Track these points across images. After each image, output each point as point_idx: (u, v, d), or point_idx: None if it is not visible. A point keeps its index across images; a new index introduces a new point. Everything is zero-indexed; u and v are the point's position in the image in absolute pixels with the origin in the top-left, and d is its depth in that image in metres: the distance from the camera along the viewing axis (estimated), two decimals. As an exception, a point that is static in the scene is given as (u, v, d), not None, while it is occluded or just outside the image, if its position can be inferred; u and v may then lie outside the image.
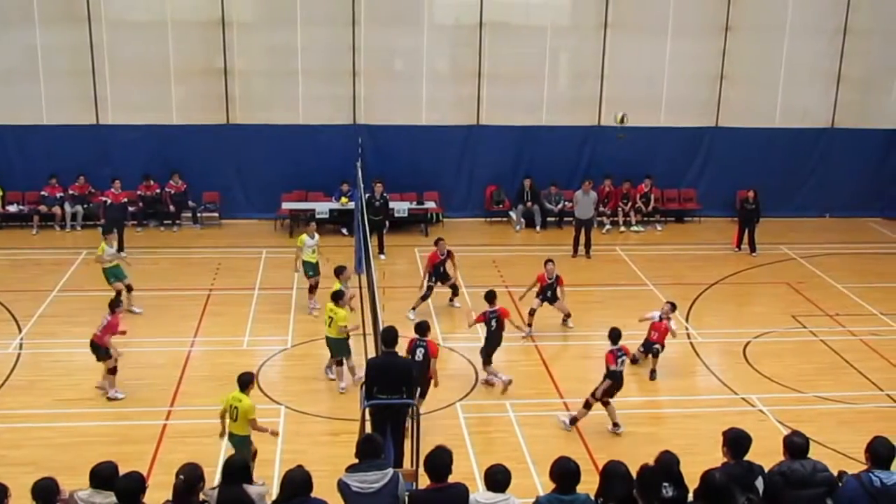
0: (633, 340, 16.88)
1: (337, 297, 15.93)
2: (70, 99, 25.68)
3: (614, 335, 14.92)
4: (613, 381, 14.64)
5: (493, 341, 16.56)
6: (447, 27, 26.82)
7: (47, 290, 20.61)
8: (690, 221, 27.77)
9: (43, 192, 25.54)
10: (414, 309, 19.36)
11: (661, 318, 17.25)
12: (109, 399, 15.60)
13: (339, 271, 17.24)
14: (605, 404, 14.69)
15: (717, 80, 27.02)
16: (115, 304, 15.93)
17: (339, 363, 16.20)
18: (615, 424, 14.79)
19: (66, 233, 25.35)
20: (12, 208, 25.69)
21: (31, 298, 19.97)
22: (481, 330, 16.73)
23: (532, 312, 18.83)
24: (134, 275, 21.37)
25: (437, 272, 19.90)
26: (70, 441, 14.07)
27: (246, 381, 12.74)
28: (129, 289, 19.64)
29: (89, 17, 25.10)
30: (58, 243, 24.43)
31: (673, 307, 17.51)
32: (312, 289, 19.58)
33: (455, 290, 20.30)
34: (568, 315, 19.21)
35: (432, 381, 14.61)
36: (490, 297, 16.70)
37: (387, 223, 24.23)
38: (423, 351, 14.40)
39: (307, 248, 19.44)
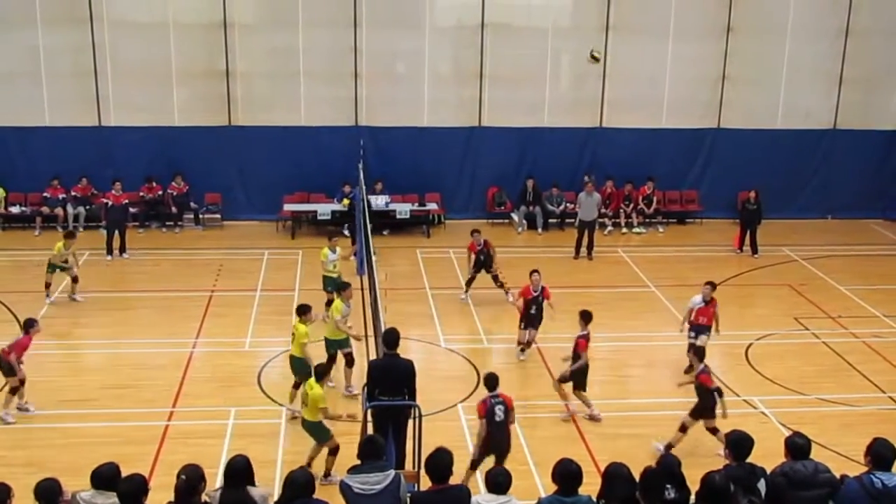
0: (679, 342, 16.92)
1: (301, 311, 14.97)
2: (72, 100, 25.71)
3: (700, 353, 14.49)
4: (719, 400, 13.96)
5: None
6: (449, 29, 26.83)
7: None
8: (692, 223, 27.78)
9: (45, 194, 25.57)
10: (466, 292, 20.62)
11: (705, 302, 17.15)
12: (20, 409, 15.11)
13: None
14: (714, 430, 13.92)
15: (719, 81, 27.02)
16: (29, 325, 15.31)
17: (297, 385, 14.87)
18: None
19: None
20: (15, 210, 25.72)
21: (34, 300, 19.97)
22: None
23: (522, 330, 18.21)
24: (136, 276, 21.47)
25: (479, 261, 20.46)
26: (72, 442, 14.07)
27: (321, 372, 13.11)
28: (75, 279, 20.35)
29: (91, 18, 25.13)
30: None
31: (713, 286, 17.33)
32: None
33: (496, 281, 20.52)
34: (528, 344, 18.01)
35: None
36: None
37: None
38: (502, 409, 12.60)
39: (329, 262, 18.82)
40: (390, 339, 12.71)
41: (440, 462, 8.46)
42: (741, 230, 24.77)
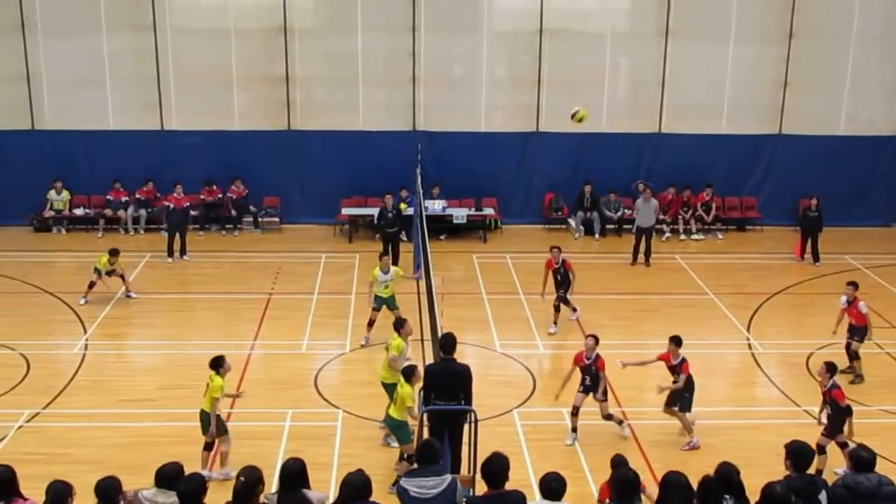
0: (737, 350, 16.69)
1: (216, 364, 13.67)
2: (135, 105, 26.12)
3: (833, 368, 13.90)
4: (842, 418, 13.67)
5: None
6: (506, 34, 26.81)
7: (112, 293, 20.93)
8: (752, 230, 27.44)
9: (108, 197, 25.99)
10: (554, 323, 19.40)
11: (849, 303, 16.98)
12: None
13: (399, 325, 14.95)
14: (843, 445, 13.48)
15: (781, 87, 26.67)
16: None
17: (208, 446, 13.56)
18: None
19: (129, 236, 25.74)
20: (79, 212, 26.17)
21: (96, 300, 20.31)
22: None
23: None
24: (196, 278, 21.72)
25: (555, 280, 19.41)
26: (132, 441, 14.28)
27: (408, 374, 13.05)
28: (123, 277, 20.87)
29: (154, 24, 25.51)
30: (122, 246, 24.71)
31: (855, 286, 17.14)
32: (372, 322, 18.50)
33: (565, 301, 19.51)
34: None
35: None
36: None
37: (403, 234, 23.70)
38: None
39: (379, 282, 18.33)
40: (447, 343, 12.71)
41: (496, 467, 8.44)
42: (802, 238, 24.43)
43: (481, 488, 8.68)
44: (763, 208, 27.40)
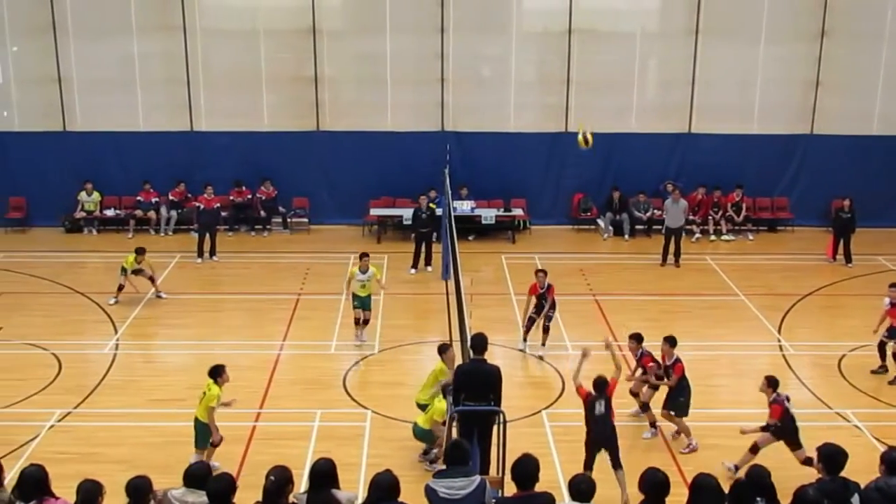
0: (768, 352, 16.50)
1: (215, 373, 13.59)
2: (165, 106, 26.30)
3: (774, 382, 13.33)
4: (781, 434, 13.29)
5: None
6: (535, 34, 26.76)
7: (142, 293, 21.06)
8: (783, 231, 27.23)
9: (138, 198, 26.17)
10: (525, 341, 18.49)
11: (892, 304, 16.90)
12: None
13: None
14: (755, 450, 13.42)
15: (813, 86, 26.45)
16: None
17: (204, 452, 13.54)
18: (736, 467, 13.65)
19: (160, 237, 25.91)
20: (109, 213, 26.36)
21: (127, 300, 20.44)
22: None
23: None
24: (225, 279, 21.79)
25: (539, 306, 18.31)
26: (163, 440, 14.33)
27: (445, 389, 13.19)
28: (152, 280, 20.90)
29: (184, 26, 25.66)
30: (152, 247, 24.85)
31: None
32: (358, 321, 18.48)
33: (545, 331, 18.29)
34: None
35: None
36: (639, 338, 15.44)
37: (434, 234, 23.49)
38: (603, 403, 12.92)
39: (356, 281, 18.32)
40: (478, 344, 12.66)
41: (526, 468, 8.41)
42: (834, 239, 24.21)
43: (510, 489, 8.65)
44: (794, 209, 27.17)
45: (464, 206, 25.48)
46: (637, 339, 15.23)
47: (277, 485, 8.25)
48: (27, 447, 14.11)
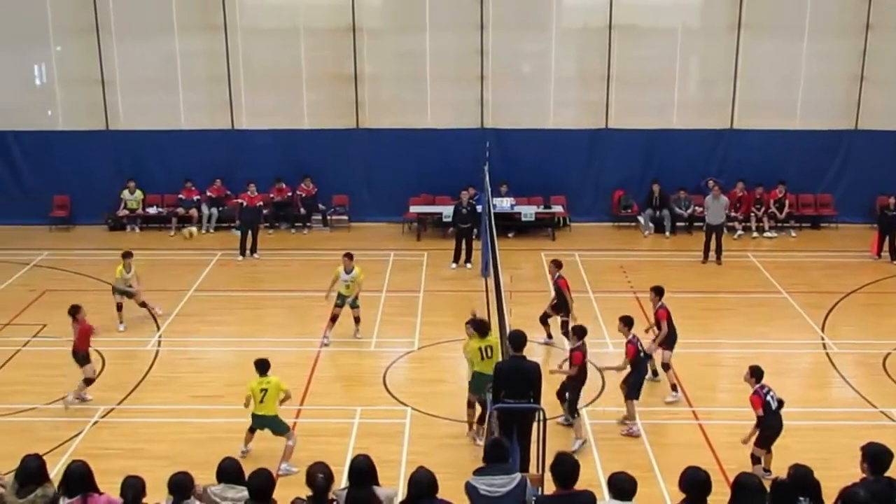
0: (812, 350, 16.34)
1: (265, 367, 13.89)
2: (206, 105, 26.51)
3: (758, 373, 13.22)
4: (767, 429, 13.02)
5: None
6: (575, 31, 26.67)
7: (183, 290, 21.25)
8: (826, 227, 26.91)
9: (180, 196, 26.39)
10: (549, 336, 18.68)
11: None
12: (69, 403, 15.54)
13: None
14: (756, 460, 13.13)
15: (857, 81, 26.11)
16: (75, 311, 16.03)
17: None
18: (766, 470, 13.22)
19: (201, 234, 26.10)
20: (152, 211, 26.61)
21: (169, 298, 20.61)
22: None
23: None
24: (265, 276, 21.88)
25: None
26: (204, 437, 14.44)
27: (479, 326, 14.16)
28: (143, 305, 19.45)
29: (225, 25, 25.84)
30: (193, 244, 25.18)
31: None
32: (335, 318, 18.54)
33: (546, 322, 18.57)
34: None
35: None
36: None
37: (475, 230, 23.43)
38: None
39: (341, 281, 18.52)
40: (517, 340, 12.65)
41: (566, 467, 8.37)
42: (879, 236, 23.90)
43: (549, 487, 8.62)
44: (838, 205, 26.84)
45: (503, 203, 25.44)
46: (658, 291, 16.20)
47: (327, 481, 8.29)
48: (71, 443, 14.29)
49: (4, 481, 8.56)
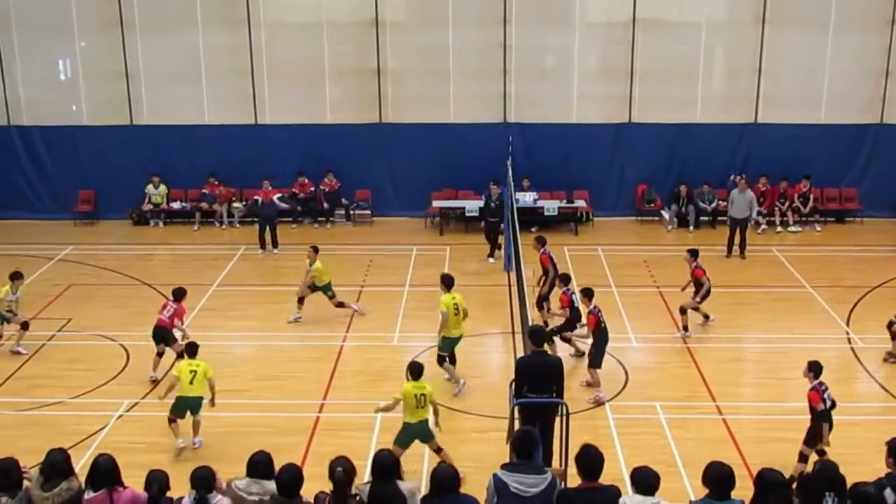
0: (837, 344, 16.25)
1: (194, 350, 14.41)
2: (230, 99, 26.57)
3: (816, 368, 13.01)
4: (827, 424, 12.89)
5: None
6: (599, 25, 26.55)
7: (207, 285, 21.33)
8: (852, 222, 26.73)
9: (204, 190, 26.48)
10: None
11: None
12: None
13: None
14: (821, 453, 12.86)
15: (882, 75, 25.89)
16: (180, 294, 16.96)
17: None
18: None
19: (223, 230, 26.21)
20: (176, 205, 26.72)
21: (192, 292, 20.53)
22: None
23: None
24: (288, 270, 21.88)
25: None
26: (226, 431, 14.49)
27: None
28: (25, 326, 17.86)
29: (249, 19, 25.90)
30: (217, 239, 25.29)
31: None
32: (302, 300, 19.24)
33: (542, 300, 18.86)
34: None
35: None
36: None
37: (502, 225, 23.28)
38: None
39: (307, 272, 19.11)
40: (537, 336, 12.63)
41: (592, 460, 8.33)
42: (904, 230, 23.74)
43: (572, 482, 8.59)
44: (863, 200, 26.65)
45: (526, 198, 25.38)
46: (693, 253, 18.56)
47: (348, 475, 8.29)
48: (96, 437, 14.38)
49: (30, 475, 8.60)
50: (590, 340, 16.04)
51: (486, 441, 13.89)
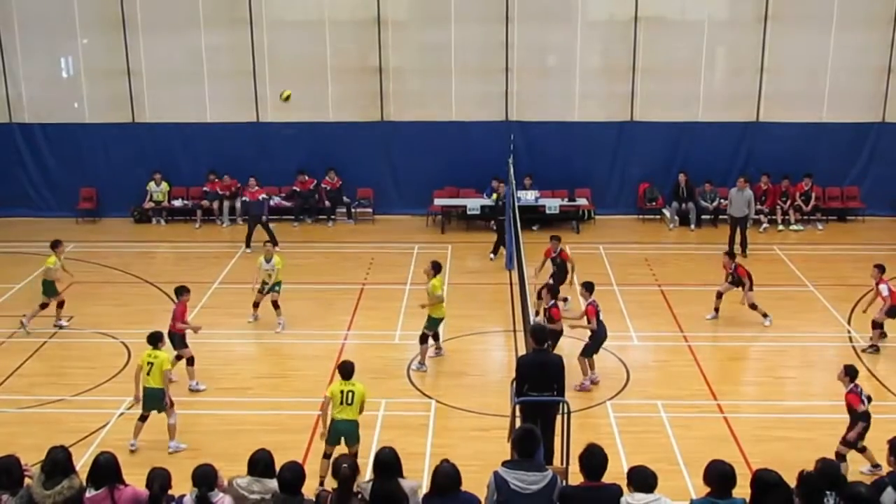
0: (839, 343, 16.23)
1: (155, 339, 14.31)
2: (232, 98, 26.57)
3: (852, 371, 13.04)
4: (866, 424, 12.87)
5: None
6: (601, 23, 26.53)
7: (209, 283, 21.33)
8: (854, 220, 26.71)
9: (205, 188, 26.49)
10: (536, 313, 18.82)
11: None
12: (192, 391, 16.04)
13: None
14: (862, 449, 12.93)
15: (885, 73, 25.87)
16: (181, 292, 16.77)
17: (144, 419, 14.09)
18: (875, 465, 12.94)
19: (224, 228, 26.22)
20: (177, 203, 26.73)
21: (194, 290, 20.38)
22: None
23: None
24: (289, 269, 21.82)
25: (553, 267, 19.15)
26: (229, 429, 14.50)
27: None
28: (61, 304, 19.05)
29: (251, 18, 25.90)
30: (218, 237, 25.29)
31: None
32: (257, 304, 19.10)
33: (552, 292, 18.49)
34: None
35: None
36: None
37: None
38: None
39: (263, 270, 18.90)
40: (539, 334, 12.63)
41: (596, 459, 8.34)
42: (907, 228, 23.71)
43: (573, 480, 8.59)
44: (866, 198, 26.63)
45: (528, 196, 25.35)
46: (731, 255, 19.33)
47: (353, 472, 8.30)
48: (97, 434, 14.39)
49: (31, 473, 8.61)
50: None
51: (488, 439, 13.89)
